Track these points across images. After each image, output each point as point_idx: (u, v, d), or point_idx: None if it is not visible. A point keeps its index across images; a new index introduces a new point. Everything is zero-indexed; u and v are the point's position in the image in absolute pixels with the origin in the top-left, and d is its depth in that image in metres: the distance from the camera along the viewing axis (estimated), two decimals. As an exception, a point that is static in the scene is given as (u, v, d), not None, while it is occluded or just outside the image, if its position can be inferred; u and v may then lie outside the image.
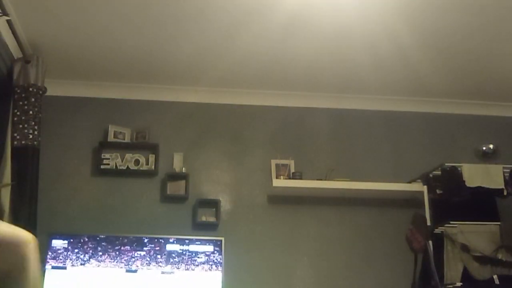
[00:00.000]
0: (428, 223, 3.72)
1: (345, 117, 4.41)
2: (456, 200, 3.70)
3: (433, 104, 4.48)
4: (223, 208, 4.04)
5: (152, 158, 4.05)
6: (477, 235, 3.62)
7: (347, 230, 4.10)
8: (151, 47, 3.66)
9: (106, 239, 3.60)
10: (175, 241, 3.66)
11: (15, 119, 3.48)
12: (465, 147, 4.38)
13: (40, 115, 3.58)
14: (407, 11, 3.20)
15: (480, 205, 3.71)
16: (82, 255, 3.55)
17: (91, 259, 3.55)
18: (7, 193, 3.29)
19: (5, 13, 3.10)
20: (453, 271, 3.59)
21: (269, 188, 4.03)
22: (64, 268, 3.51)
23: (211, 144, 4.22)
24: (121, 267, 3.55)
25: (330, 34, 3.48)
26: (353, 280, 3.96)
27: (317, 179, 3.99)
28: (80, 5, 3.16)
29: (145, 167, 4.02)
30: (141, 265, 3.57)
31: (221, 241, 3.70)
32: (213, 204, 4.01)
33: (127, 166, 4.00)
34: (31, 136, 3.47)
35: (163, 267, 3.58)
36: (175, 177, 4.04)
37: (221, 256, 3.64)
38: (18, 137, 3.45)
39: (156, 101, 4.26)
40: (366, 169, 4.24)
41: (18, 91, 3.54)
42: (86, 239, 3.59)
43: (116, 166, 3.98)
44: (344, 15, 3.25)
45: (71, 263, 3.53)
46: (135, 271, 3.55)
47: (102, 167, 3.97)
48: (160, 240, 3.65)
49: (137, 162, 4.02)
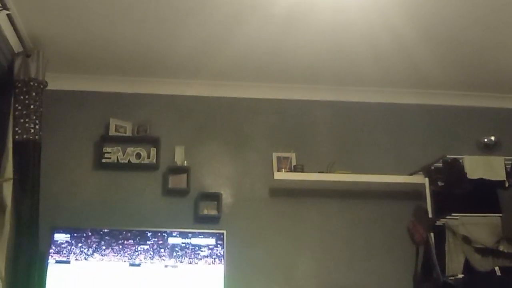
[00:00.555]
0: (430, 215, 3.73)
1: (346, 109, 4.40)
2: (458, 192, 3.70)
3: (434, 96, 4.47)
4: (225, 201, 4.05)
5: (153, 152, 4.05)
6: (478, 227, 3.62)
7: (348, 222, 4.10)
8: (151, 40, 3.65)
9: (109, 233, 3.61)
10: (178, 235, 3.66)
11: (16, 113, 3.47)
12: (466, 139, 4.38)
13: (41, 109, 3.57)
14: (406, 2, 3.19)
15: (482, 197, 3.71)
16: (86, 249, 3.56)
17: (94, 253, 3.55)
18: (9, 187, 3.29)
19: (5, 7, 3.09)
20: (454, 263, 3.60)
21: (270, 181, 4.04)
22: (68, 262, 3.52)
23: (212, 137, 4.22)
24: (125, 261, 3.56)
25: (330, 27, 3.47)
26: (354, 272, 3.97)
27: (319, 172, 3.99)
28: (81, -2, 3.16)
29: (146, 161, 4.02)
30: (144, 259, 3.58)
31: (223, 234, 3.70)
32: (215, 197, 4.01)
33: (129, 160, 4.00)
34: (32, 130, 3.47)
35: (167, 260, 3.59)
36: (176, 170, 4.04)
37: (223, 249, 3.65)
38: (19, 131, 3.44)
39: (157, 95, 4.25)
40: (368, 161, 4.24)
41: (19, 85, 3.53)
42: (89, 233, 3.60)
43: (117, 159, 3.98)
44: (344, 7, 3.25)
45: (75, 257, 3.53)
46: (138, 265, 3.56)
47: (103, 161, 3.97)
48: (163, 234, 3.66)
49: (138, 156, 4.02)
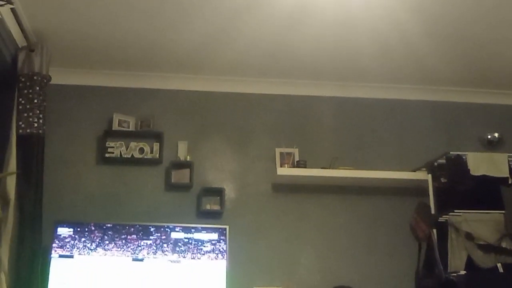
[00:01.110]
0: (432, 211, 3.73)
1: (349, 105, 4.40)
2: (461, 188, 3.69)
3: (438, 92, 4.46)
4: (228, 196, 4.05)
5: (156, 147, 4.05)
6: (481, 223, 3.62)
7: (351, 218, 4.10)
8: (155, 35, 3.65)
9: (113, 227, 3.62)
10: (180, 230, 3.67)
11: (20, 107, 3.48)
12: (470, 136, 4.38)
13: (44, 103, 3.58)
14: (411, -2, 3.19)
15: (485, 193, 3.70)
16: (89, 244, 3.57)
17: (98, 248, 3.56)
18: (12, 181, 3.30)
19: (9, 1, 3.09)
20: (457, 259, 3.59)
21: (273, 177, 4.04)
22: (71, 256, 3.53)
23: (215, 133, 4.22)
24: (128, 256, 3.57)
25: (335, 22, 3.46)
26: (357, 268, 3.98)
27: (322, 168, 3.99)
28: (85, -7, 3.16)
29: (149, 156, 4.03)
30: (147, 254, 3.59)
31: (225, 229, 3.71)
32: (218, 193, 4.02)
33: (132, 155, 4.01)
34: (36, 125, 3.48)
35: (170, 255, 3.60)
36: (179, 165, 4.05)
37: (226, 244, 3.65)
38: (23, 125, 3.45)
39: (160, 90, 4.25)
40: (371, 157, 4.24)
41: (23, 79, 3.54)
42: (92, 228, 3.61)
43: (120, 154, 3.99)
44: (348, 2, 3.24)
45: (78, 251, 3.54)
46: (141, 259, 3.57)
47: (106, 155, 3.98)
48: (166, 228, 3.66)
49: (141, 151, 4.03)
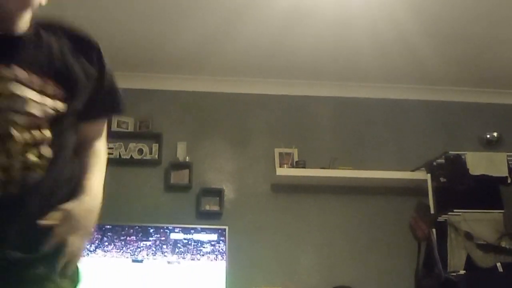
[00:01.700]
0: (432, 211, 3.73)
1: (348, 105, 4.40)
2: (460, 188, 3.69)
3: (437, 92, 4.46)
4: (227, 197, 4.05)
5: (155, 147, 4.05)
6: (480, 223, 3.62)
7: (350, 218, 4.10)
8: (153, 35, 3.64)
9: (112, 229, 3.62)
10: (180, 231, 3.67)
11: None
12: (469, 135, 4.37)
13: (43, 105, 3.57)
14: (410, -2, 3.19)
15: (484, 193, 3.71)
16: (88, 245, 3.56)
17: (97, 249, 3.56)
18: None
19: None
20: (456, 259, 3.60)
21: (272, 177, 4.04)
22: (70, 258, 3.52)
23: (214, 133, 4.22)
24: (127, 257, 3.57)
25: (333, 22, 3.46)
26: (356, 268, 3.97)
27: (321, 168, 3.99)
28: (83, -6, 3.16)
29: (148, 157, 4.02)
30: (147, 255, 3.59)
31: (225, 229, 3.71)
32: (217, 193, 4.02)
33: (131, 156, 4.00)
34: (34, 126, 3.47)
35: (169, 257, 3.60)
36: (178, 166, 4.05)
37: (225, 245, 3.65)
38: (21, 127, 3.45)
39: (159, 90, 4.25)
40: (370, 157, 4.23)
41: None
42: (91, 229, 3.60)
43: (119, 155, 3.98)
44: (347, 2, 3.24)
45: (78, 253, 3.54)
46: (141, 261, 3.57)
47: (105, 156, 3.97)
48: (166, 230, 3.66)
49: (140, 152, 4.02)
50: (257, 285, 3.83)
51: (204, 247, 3.64)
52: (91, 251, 3.54)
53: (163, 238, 3.63)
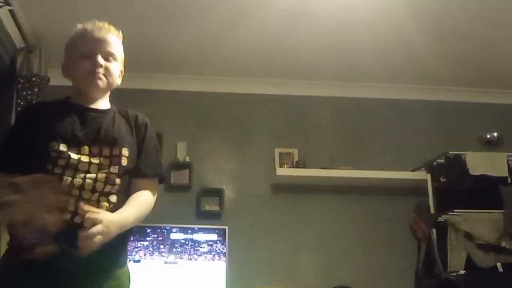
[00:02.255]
0: (432, 211, 3.73)
1: (348, 105, 4.39)
2: (460, 188, 3.70)
3: (437, 92, 4.46)
4: (227, 197, 4.05)
5: (155, 147, 4.05)
6: (480, 223, 3.62)
7: (350, 218, 4.10)
8: (154, 35, 3.65)
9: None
10: (178, 230, 3.67)
11: (19, 109, 3.48)
12: (469, 135, 4.37)
13: (43, 105, 3.58)
14: (410, -2, 3.19)
15: (484, 193, 3.71)
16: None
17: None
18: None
19: (7, 3, 3.09)
20: (456, 259, 3.60)
21: (272, 177, 4.04)
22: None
23: (214, 133, 4.22)
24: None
25: (334, 22, 3.46)
26: (356, 268, 3.97)
27: (321, 168, 3.99)
28: (83, -6, 3.16)
29: (148, 156, 4.02)
30: (144, 255, 3.58)
31: (224, 229, 3.71)
32: (217, 193, 4.02)
33: (131, 156, 4.00)
34: (35, 126, 3.49)
35: (166, 257, 3.60)
36: (178, 166, 4.05)
37: (223, 245, 3.65)
38: (22, 127, 3.46)
39: (159, 90, 4.24)
40: (370, 157, 4.23)
41: (21, 81, 3.53)
42: (90, 229, 3.60)
43: (119, 155, 3.99)
44: (347, 3, 3.24)
45: (76, 253, 3.53)
46: (138, 261, 3.56)
47: (106, 156, 3.97)
48: (163, 230, 3.66)
49: (140, 152, 4.02)
50: (257, 285, 3.82)
51: (201, 247, 3.63)
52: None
53: (160, 238, 3.63)
